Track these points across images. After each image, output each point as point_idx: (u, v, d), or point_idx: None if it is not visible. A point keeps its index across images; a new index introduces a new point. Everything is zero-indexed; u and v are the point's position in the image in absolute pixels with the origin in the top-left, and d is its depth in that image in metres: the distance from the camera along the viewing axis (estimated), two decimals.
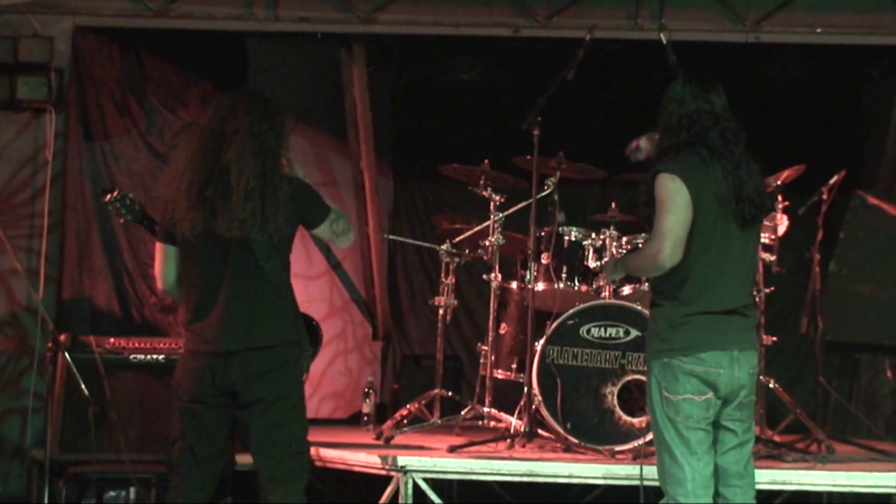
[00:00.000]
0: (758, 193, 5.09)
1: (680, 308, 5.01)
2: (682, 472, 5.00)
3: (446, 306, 7.78)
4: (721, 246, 5.01)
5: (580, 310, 6.90)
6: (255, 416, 5.37)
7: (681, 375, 4.97)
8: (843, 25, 8.30)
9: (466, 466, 6.28)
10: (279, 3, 8.37)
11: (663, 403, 5.03)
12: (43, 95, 8.16)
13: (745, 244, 5.10)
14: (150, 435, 7.12)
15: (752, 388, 5.12)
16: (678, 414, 4.99)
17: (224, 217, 5.25)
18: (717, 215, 5.01)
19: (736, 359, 5.01)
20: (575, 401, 6.76)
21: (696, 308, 4.99)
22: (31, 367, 8.08)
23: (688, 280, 5.00)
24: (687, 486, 4.99)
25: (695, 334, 4.99)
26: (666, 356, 5.01)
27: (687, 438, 5.00)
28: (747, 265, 5.15)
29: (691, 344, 4.99)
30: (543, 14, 8.34)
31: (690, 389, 4.98)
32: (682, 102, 5.15)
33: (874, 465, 6.44)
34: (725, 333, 5.01)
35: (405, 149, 10.23)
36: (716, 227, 5.01)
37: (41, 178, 8.24)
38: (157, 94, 8.73)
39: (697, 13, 8.29)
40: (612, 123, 9.55)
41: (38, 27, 8.26)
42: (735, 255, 5.05)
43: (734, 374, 5.00)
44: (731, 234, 5.04)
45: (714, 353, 4.97)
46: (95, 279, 8.35)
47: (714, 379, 4.97)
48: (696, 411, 4.98)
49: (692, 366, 4.96)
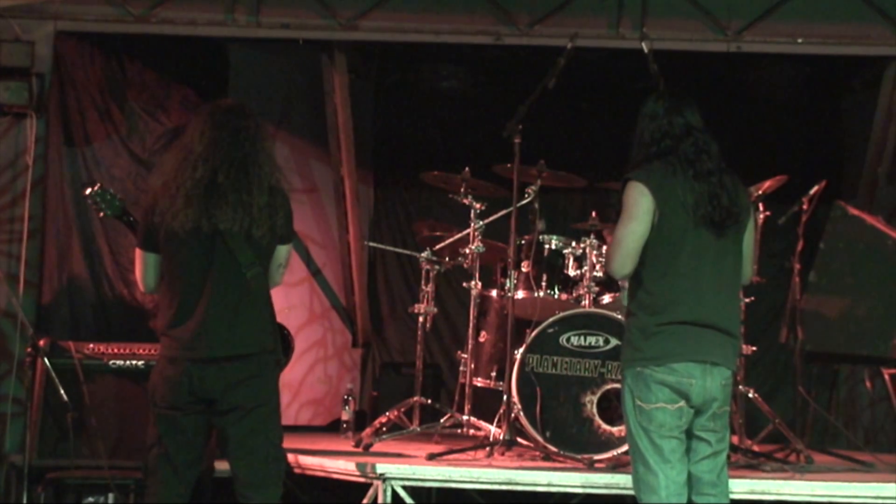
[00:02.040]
0: (732, 203, 5.10)
1: (652, 318, 5.03)
2: (655, 480, 5.03)
3: (426, 314, 7.78)
4: (692, 255, 5.03)
5: (560, 318, 6.90)
6: (232, 423, 5.37)
7: (653, 384, 4.99)
8: (823, 36, 8.34)
9: (445, 474, 6.27)
10: (261, 10, 8.38)
11: (636, 412, 5.05)
12: (24, 100, 8.16)
13: (722, 254, 5.10)
14: (128, 441, 7.10)
15: (726, 400, 5.13)
16: (651, 422, 5.01)
17: (231, 209, 5.26)
18: (686, 225, 5.03)
19: (708, 371, 5.02)
20: (554, 409, 6.76)
21: (669, 318, 5.01)
22: (10, 372, 8.06)
23: (659, 289, 5.03)
24: (661, 493, 5.01)
25: (667, 344, 5.00)
26: (639, 365, 5.03)
27: (660, 447, 5.02)
28: (726, 276, 5.14)
29: (663, 353, 5.01)
30: (525, 22, 8.37)
31: (663, 398, 5.00)
32: (654, 116, 5.20)
33: (853, 476, 6.46)
34: (699, 344, 5.02)
35: (386, 156, 10.23)
36: (685, 237, 5.02)
37: (21, 183, 8.23)
38: (139, 99, 8.72)
39: (679, 22, 8.32)
40: (593, 132, 9.63)
41: (20, 31, 8.26)
42: (710, 266, 5.06)
43: (706, 385, 5.02)
44: (704, 243, 5.05)
45: (686, 364, 4.99)
46: (75, 284, 8.34)
47: (686, 389, 4.99)
48: (669, 420, 5.01)
49: (664, 375, 4.98)
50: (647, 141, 5.18)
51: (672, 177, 5.04)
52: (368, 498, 6.18)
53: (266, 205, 5.31)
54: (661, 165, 5.08)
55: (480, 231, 7.46)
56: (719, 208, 5.06)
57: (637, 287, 5.10)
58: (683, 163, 5.08)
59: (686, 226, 5.02)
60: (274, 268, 5.53)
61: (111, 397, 7.25)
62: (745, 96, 9.66)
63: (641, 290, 5.08)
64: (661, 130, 5.15)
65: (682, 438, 5.07)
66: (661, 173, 5.06)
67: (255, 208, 5.29)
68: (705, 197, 5.05)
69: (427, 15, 8.38)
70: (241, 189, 5.31)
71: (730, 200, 5.09)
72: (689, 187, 5.04)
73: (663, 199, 5.00)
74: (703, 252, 5.05)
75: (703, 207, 5.03)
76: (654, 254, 5.04)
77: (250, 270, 5.34)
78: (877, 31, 8.30)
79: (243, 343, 5.39)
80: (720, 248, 5.09)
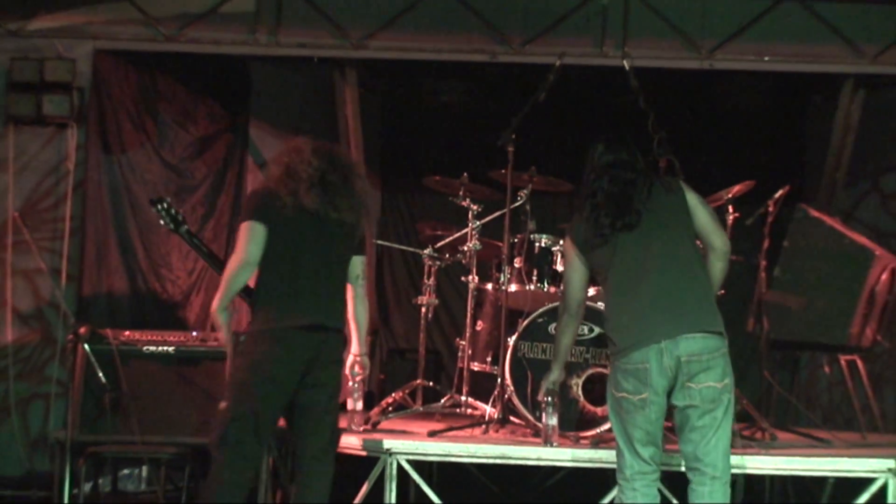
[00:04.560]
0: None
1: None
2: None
3: (428, 305, 7.78)
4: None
5: (549, 309, 6.90)
6: (315, 398, 5.39)
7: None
8: (788, 54, 8.34)
9: (445, 449, 6.27)
10: (280, 30, 8.39)
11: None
12: (66, 112, 8.17)
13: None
14: (160, 419, 7.11)
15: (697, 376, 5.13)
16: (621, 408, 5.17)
17: (343, 199, 5.45)
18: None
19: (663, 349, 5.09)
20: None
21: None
22: (53, 357, 8.08)
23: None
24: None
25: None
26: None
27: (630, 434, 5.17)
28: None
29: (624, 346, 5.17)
30: (518, 42, 8.37)
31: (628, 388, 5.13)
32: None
33: (812, 451, 6.46)
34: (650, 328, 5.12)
35: (392, 162, 10.24)
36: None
37: (63, 186, 8.24)
38: (169, 111, 8.74)
39: (657, 42, 8.32)
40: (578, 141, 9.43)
41: (62, 50, 8.28)
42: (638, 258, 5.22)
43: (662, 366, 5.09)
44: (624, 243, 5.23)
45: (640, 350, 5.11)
46: (112, 277, 8.35)
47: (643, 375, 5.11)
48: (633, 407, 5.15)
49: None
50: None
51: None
52: (376, 470, 6.19)
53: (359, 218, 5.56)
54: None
55: (477, 230, 7.46)
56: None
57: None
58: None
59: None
60: (353, 278, 5.66)
61: (145, 379, 7.24)
62: (716, 108, 9.67)
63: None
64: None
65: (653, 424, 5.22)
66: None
67: (358, 210, 5.55)
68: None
69: (429, 36, 8.39)
70: (349, 191, 5.52)
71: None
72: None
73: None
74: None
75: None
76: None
77: (345, 256, 5.53)
78: (835, 51, 8.31)
79: (340, 319, 5.50)
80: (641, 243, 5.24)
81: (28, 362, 8.12)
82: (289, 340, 5.33)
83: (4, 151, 8.22)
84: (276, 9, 8.39)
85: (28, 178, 8.24)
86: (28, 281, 8.17)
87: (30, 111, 8.14)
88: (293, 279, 5.39)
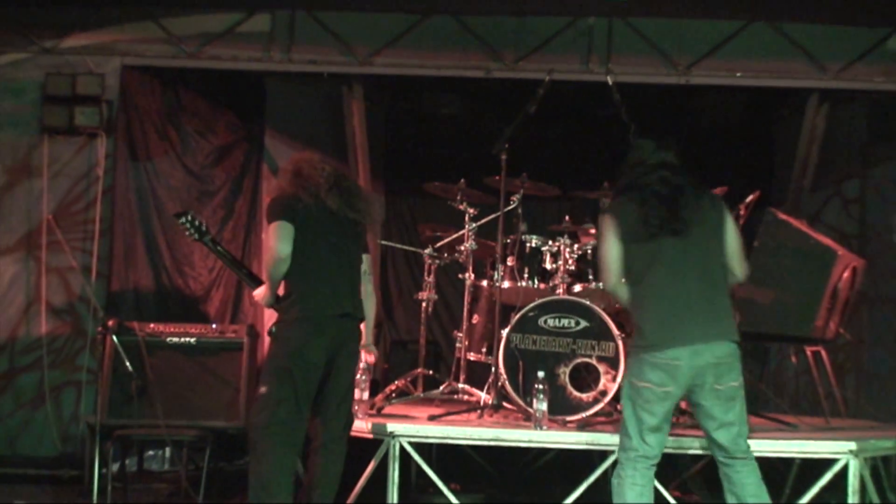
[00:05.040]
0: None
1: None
2: None
3: (428, 300, 7.78)
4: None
5: (539, 304, 6.88)
6: (339, 381, 5.42)
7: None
8: (758, 71, 8.36)
9: (444, 432, 6.27)
10: (292, 48, 8.40)
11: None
12: (96, 122, 8.19)
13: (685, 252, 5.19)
14: (183, 404, 7.14)
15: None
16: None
17: (359, 201, 5.55)
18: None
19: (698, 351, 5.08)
20: (534, 379, 6.78)
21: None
22: (84, 348, 8.10)
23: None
24: None
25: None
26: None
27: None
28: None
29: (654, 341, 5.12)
30: (511, 59, 8.39)
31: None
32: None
33: (780, 435, 6.45)
34: (687, 329, 5.10)
35: (395, 169, 10.22)
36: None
37: (94, 191, 8.26)
38: (191, 122, 8.75)
39: (638, 59, 8.33)
40: (566, 150, 9.64)
41: (93, 66, 8.30)
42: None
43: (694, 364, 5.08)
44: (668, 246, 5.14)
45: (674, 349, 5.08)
46: (139, 274, 8.36)
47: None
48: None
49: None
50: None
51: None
52: (381, 451, 6.21)
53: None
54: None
55: (473, 232, 7.47)
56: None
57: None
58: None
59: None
60: (362, 274, 5.69)
61: (168, 368, 7.28)
62: (692, 120, 9.65)
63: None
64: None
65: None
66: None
67: (369, 212, 5.66)
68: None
69: (429, 53, 8.40)
70: (362, 194, 5.66)
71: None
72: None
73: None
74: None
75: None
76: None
77: (360, 249, 5.59)
78: (802, 67, 8.33)
79: (360, 308, 5.53)
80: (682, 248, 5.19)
81: (61, 352, 8.13)
82: (326, 327, 5.39)
83: (39, 159, 8.23)
84: (289, 28, 8.40)
85: (61, 183, 8.26)
86: (61, 278, 8.19)
87: (63, 122, 8.16)
88: (323, 272, 5.44)
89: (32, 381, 8.08)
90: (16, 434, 8.04)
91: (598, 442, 6.20)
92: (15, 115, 8.28)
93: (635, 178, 5.30)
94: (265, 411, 5.33)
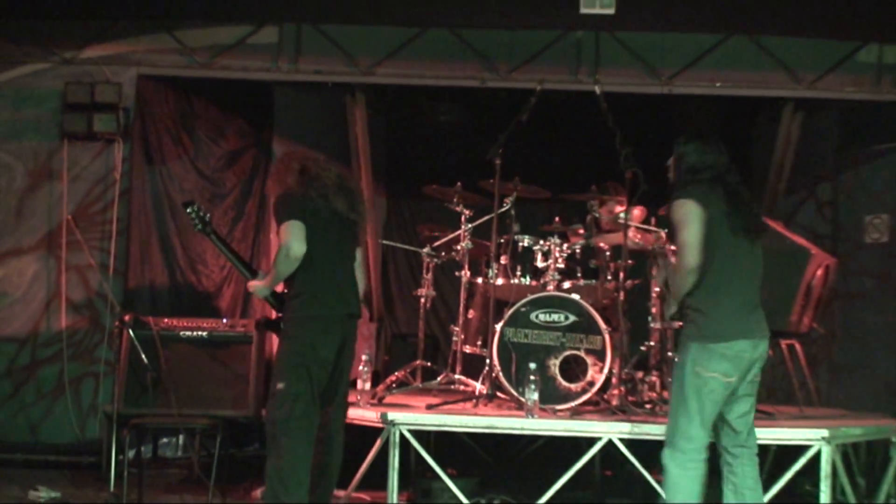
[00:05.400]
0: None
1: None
2: None
3: (427, 296, 7.78)
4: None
5: (530, 300, 6.90)
6: (342, 376, 5.39)
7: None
8: (737, 81, 8.35)
9: (441, 420, 6.29)
10: (299, 59, 8.38)
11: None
12: (113, 129, 8.17)
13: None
14: (195, 394, 7.12)
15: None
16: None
17: (360, 203, 5.49)
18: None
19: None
20: (526, 370, 6.79)
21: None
22: (102, 341, 8.08)
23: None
24: None
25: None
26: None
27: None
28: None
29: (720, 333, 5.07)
30: (504, 69, 8.38)
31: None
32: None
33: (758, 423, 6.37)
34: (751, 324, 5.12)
35: (396, 173, 10.23)
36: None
37: (111, 193, 8.24)
38: (203, 128, 8.74)
39: (624, 70, 8.32)
40: (556, 155, 9.64)
41: (110, 75, 8.28)
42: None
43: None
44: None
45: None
46: (154, 272, 8.35)
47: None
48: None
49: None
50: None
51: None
52: (381, 439, 6.21)
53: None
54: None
55: (469, 232, 7.47)
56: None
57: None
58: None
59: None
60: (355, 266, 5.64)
61: (181, 360, 7.27)
62: (675, 128, 9.65)
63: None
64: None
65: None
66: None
67: (365, 213, 5.60)
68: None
69: (428, 64, 8.38)
70: (361, 196, 5.60)
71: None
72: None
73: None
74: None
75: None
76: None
77: (355, 252, 5.53)
78: (778, 78, 8.32)
79: (359, 305, 5.49)
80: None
81: (80, 345, 8.12)
82: (336, 326, 5.33)
83: (60, 163, 8.22)
84: (296, 41, 8.38)
85: (80, 186, 8.25)
86: (80, 275, 8.17)
87: (82, 128, 8.14)
88: (330, 271, 5.38)
89: (53, 372, 8.06)
90: (37, 422, 8.02)
91: (586, 429, 6.20)
92: (37, 121, 8.26)
93: (714, 175, 5.23)
94: (284, 407, 5.24)
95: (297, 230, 5.28)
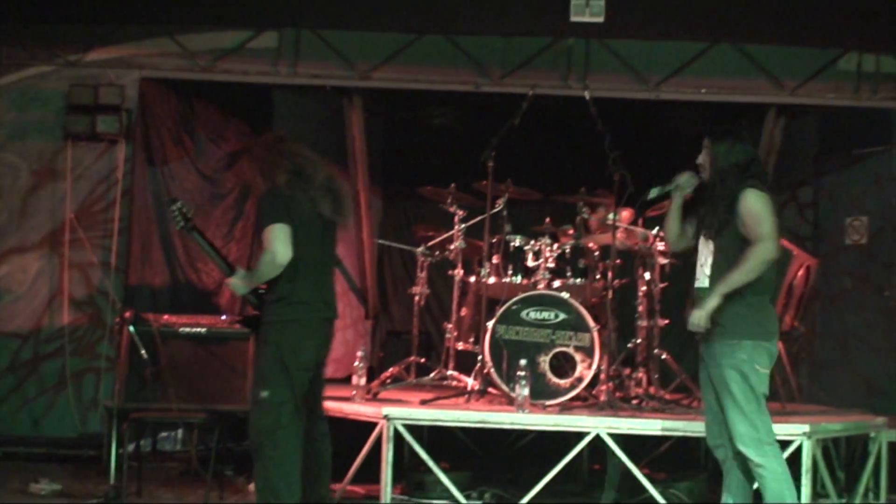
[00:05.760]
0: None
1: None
2: None
3: (421, 294, 7.76)
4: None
5: (522, 298, 6.86)
6: (320, 378, 5.25)
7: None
8: (722, 87, 8.36)
9: (434, 415, 6.25)
10: (298, 63, 8.36)
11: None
12: (116, 130, 8.13)
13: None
14: (194, 389, 7.06)
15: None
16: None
17: (345, 206, 5.30)
18: None
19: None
20: (516, 367, 6.72)
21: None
22: (103, 337, 8.07)
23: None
24: None
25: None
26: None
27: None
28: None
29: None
30: (497, 75, 8.35)
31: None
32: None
33: None
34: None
35: (392, 175, 10.18)
36: None
37: (113, 193, 8.21)
38: (204, 129, 8.72)
39: (613, 76, 8.32)
40: (547, 158, 9.59)
41: (113, 78, 8.25)
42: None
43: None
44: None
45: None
46: (154, 269, 8.32)
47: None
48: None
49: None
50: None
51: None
52: (376, 433, 6.14)
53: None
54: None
55: (462, 232, 7.44)
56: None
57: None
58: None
59: None
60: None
61: (181, 356, 7.22)
62: (662, 132, 9.61)
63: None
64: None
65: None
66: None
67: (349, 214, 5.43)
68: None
69: (424, 69, 8.37)
70: (346, 198, 5.41)
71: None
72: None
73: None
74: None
75: None
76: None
77: (334, 248, 5.37)
78: (761, 84, 8.34)
79: (336, 310, 5.33)
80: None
81: (81, 341, 8.08)
82: (318, 330, 5.13)
83: (63, 163, 8.17)
84: (295, 45, 8.34)
85: (83, 185, 8.20)
86: (82, 272, 8.13)
87: (85, 129, 8.10)
88: (314, 275, 5.15)
89: (55, 367, 8.02)
90: (40, 416, 7.98)
91: (575, 424, 6.15)
92: (41, 122, 8.22)
93: (756, 168, 5.10)
94: (270, 416, 5.00)
95: (284, 235, 5.02)
